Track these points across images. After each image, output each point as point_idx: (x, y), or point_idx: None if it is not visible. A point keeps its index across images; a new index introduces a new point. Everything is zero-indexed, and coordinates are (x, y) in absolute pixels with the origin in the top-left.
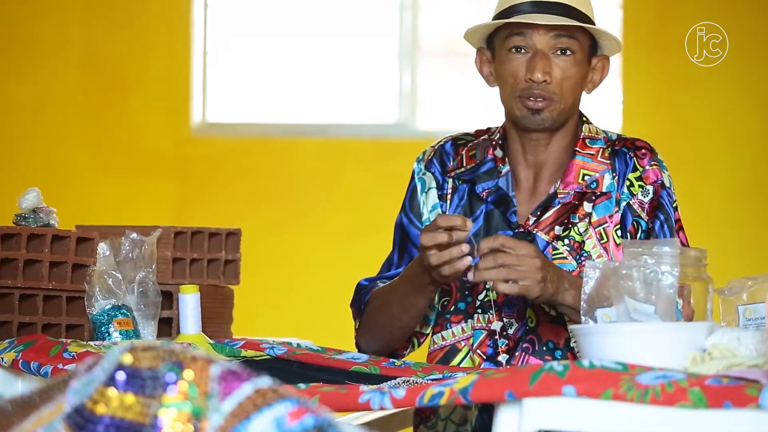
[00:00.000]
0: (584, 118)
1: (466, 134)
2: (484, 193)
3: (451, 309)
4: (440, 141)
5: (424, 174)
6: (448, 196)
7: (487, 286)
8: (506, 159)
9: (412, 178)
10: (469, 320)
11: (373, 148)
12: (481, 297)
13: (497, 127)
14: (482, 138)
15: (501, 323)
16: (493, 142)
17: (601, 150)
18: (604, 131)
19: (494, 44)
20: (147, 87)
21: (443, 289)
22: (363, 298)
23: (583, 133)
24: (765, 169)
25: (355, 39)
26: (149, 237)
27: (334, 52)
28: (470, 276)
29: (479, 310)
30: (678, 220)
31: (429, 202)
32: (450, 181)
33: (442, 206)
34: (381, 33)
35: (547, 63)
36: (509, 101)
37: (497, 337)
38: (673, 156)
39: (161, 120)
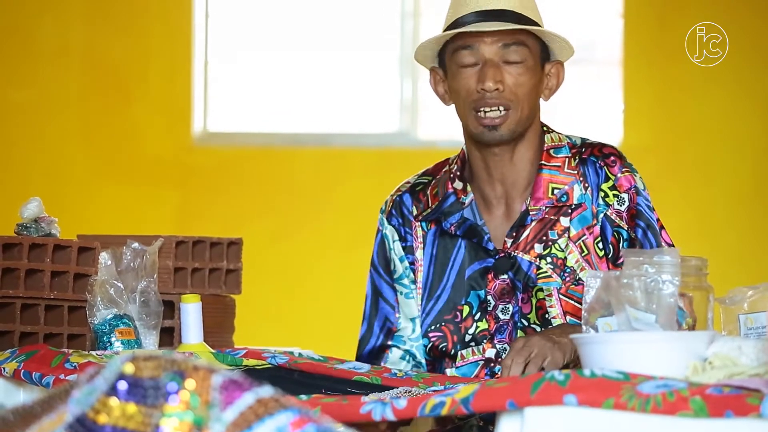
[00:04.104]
0: (545, 128)
1: (423, 175)
2: (452, 228)
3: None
4: (398, 191)
5: (386, 228)
6: (420, 247)
7: (476, 319)
8: (467, 188)
9: (378, 230)
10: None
11: (375, 157)
12: (471, 331)
13: (455, 157)
14: (444, 171)
15: (495, 350)
16: (452, 174)
17: (567, 159)
18: (567, 136)
19: (445, 62)
20: (148, 95)
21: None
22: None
23: (546, 144)
24: (766, 174)
25: (356, 48)
26: (151, 246)
27: (335, 61)
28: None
29: (472, 343)
30: (658, 220)
31: (397, 255)
32: (419, 229)
33: (409, 258)
34: (382, 42)
35: (497, 71)
36: (465, 116)
37: (493, 364)
38: (674, 161)
39: (162, 128)
